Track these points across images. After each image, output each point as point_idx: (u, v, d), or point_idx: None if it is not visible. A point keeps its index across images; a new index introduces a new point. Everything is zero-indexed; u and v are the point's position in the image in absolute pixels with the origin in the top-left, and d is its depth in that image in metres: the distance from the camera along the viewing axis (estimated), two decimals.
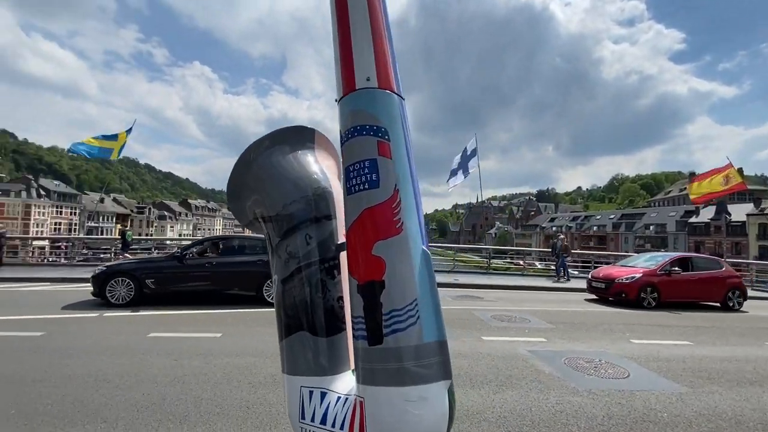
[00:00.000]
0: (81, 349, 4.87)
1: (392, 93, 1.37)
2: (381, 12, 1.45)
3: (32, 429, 2.93)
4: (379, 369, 1.16)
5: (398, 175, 1.27)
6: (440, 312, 1.23)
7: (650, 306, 9.64)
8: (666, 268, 10.13)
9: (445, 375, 1.22)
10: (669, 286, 9.92)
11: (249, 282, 8.23)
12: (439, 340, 1.21)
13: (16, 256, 17.73)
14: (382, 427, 1.14)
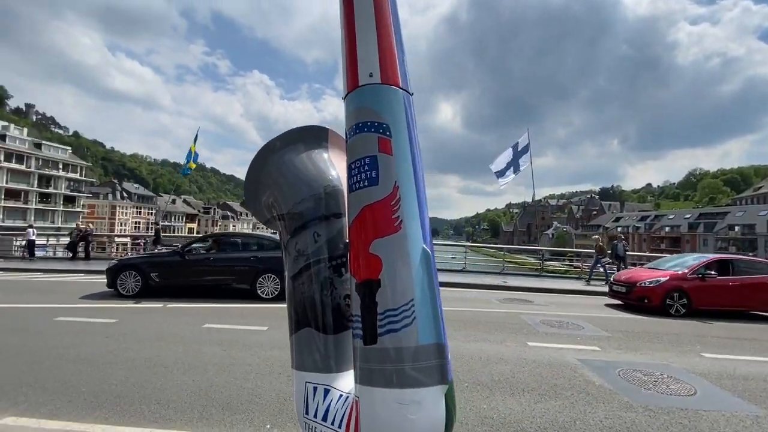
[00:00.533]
0: (144, 336, 5.37)
1: (397, 88, 1.34)
2: (388, 7, 1.42)
3: (98, 405, 3.28)
4: (374, 369, 1.14)
5: (399, 172, 1.24)
6: (439, 313, 1.18)
7: (678, 314, 8.54)
8: (699, 271, 8.89)
9: (441, 379, 1.17)
10: (702, 292, 8.69)
11: (244, 277, 8.58)
12: (437, 342, 1.16)
13: (104, 252, 20.09)
14: (375, 428, 1.12)
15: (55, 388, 3.60)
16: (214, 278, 8.67)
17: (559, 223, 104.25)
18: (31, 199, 57.37)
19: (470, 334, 6.08)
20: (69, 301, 7.71)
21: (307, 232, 1.49)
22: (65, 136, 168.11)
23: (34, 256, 15.78)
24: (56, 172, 61.48)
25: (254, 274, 8.54)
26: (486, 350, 5.26)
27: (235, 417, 3.16)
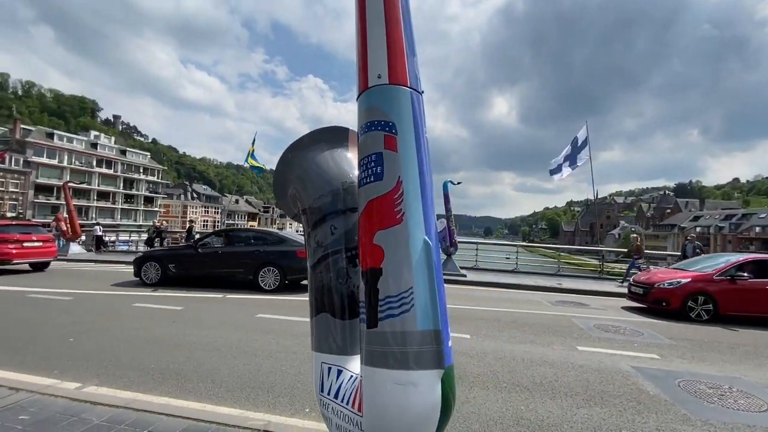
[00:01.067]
0: (205, 324, 5.91)
1: (404, 87, 1.41)
2: (399, 11, 1.49)
3: (162, 380, 3.71)
4: (375, 351, 1.22)
5: (404, 168, 1.31)
6: (438, 301, 1.23)
7: (702, 319, 7.68)
8: (729, 273, 7.90)
9: (438, 364, 1.22)
10: (732, 296, 7.72)
11: (247, 269, 9.12)
12: (434, 329, 1.22)
13: None
14: (374, 405, 1.20)
15: (129, 363, 4.12)
16: (222, 270, 9.39)
17: (627, 222, 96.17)
18: (117, 200, 64.74)
19: (515, 335, 5.91)
20: (101, 288, 8.70)
21: (325, 224, 1.61)
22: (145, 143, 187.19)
23: (101, 250, 17.95)
24: (138, 175, 68.77)
25: (256, 266, 9.07)
26: (531, 352, 5.09)
27: (278, 399, 3.40)
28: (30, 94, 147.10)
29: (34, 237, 11.53)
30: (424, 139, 1.42)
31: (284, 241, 9.57)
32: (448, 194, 13.43)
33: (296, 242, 9.36)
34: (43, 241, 11.77)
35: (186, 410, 2.98)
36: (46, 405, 2.95)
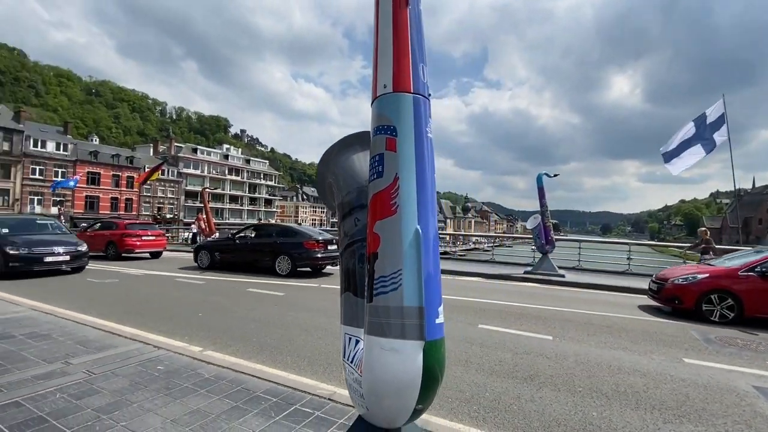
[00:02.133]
0: (300, 308, 6.73)
1: (407, 94, 1.58)
2: (407, 23, 1.66)
3: (259, 351, 4.43)
4: (372, 322, 1.43)
5: (401, 165, 1.49)
6: (423, 282, 1.38)
7: (723, 321, 6.70)
8: (757, 268, 6.76)
9: (419, 336, 1.37)
10: (761, 296, 6.64)
11: (268, 257, 10.85)
12: (418, 306, 1.37)
13: None
14: (369, 368, 1.41)
15: (237, 336, 5.00)
16: (250, 257, 11.24)
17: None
18: (244, 202, 75.32)
19: (607, 340, 5.39)
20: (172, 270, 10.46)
21: (351, 217, 1.87)
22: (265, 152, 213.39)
23: None
24: (259, 180, 79.03)
25: (273, 255, 10.76)
26: (621, 359, 4.62)
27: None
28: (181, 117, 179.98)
29: (150, 232, 15.20)
30: (425, 138, 1.57)
31: (296, 234, 11.04)
32: (543, 188, 12.56)
33: (305, 235, 10.90)
34: (156, 236, 15.38)
35: (272, 375, 3.56)
36: (176, 361, 3.84)
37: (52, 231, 11.09)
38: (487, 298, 8.16)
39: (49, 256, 9.57)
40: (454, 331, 5.47)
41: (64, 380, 3.28)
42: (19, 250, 9.20)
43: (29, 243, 9.49)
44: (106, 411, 2.78)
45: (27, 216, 11.68)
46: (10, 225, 10.29)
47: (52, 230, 11.15)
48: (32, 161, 45.46)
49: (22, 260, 9.18)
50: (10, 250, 9.11)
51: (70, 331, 4.73)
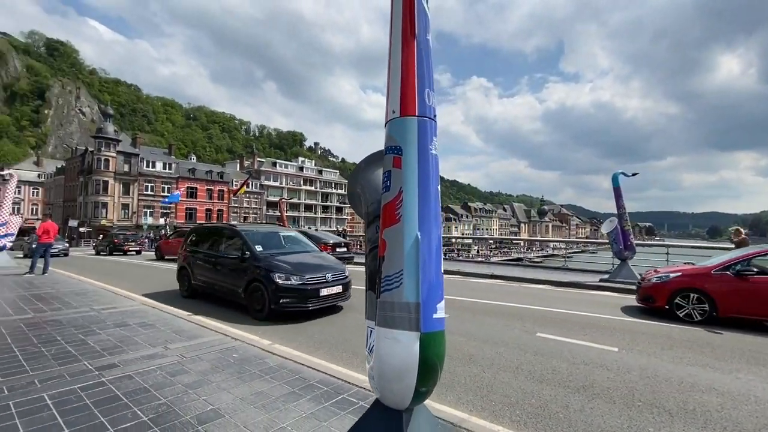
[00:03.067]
0: (356, 309, 7.13)
1: (412, 117, 1.81)
2: (414, 53, 1.89)
3: (318, 348, 4.87)
4: (379, 314, 1.68)
5: (405, 180, 1.72)
6: (420, 281, 1.58)
7: (694, 320, 6.62)
8: (733, 267, 6.50)
9: (416, 328, 1.58)
10: (735, 296, 6.38)
11: None
12: (416, 302, 1.58)
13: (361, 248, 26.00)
14: (377, 355, 1.66)
15: (301, 333, 5.52)
16: None
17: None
18: (317, 211, 79.77)
19: (684, 356, 4.90)
20: None
21: (373, 225, 2.13)
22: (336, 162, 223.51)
23: None
24: (331, 190, 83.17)
25: None
26: (697, 376, 4.20)
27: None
28: (262, 134, 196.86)
29: None
30: (430, 156, 1.77)
31: (311, 239, 11.53)
32: (620, 188, 11.59)
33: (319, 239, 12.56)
34: None
35: (326, 368, 3.94)
36: (248, 350, 4.43)
37: (303, 248, 7.89)
38: (551, 306, 7.80)
39: (324, 287, 6.50)
40: (508, 338, 5.42)
41: (163, 361, 4.02)
42: (290, 279, 6.24)
43: (301, 268, 6.56)
44: (192, 387, 3.38)
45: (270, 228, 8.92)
46: (261, 241, 7.28)
47: (302, 247, 7.96)
48: (145, 179, 53.36)
49: (295, 294, 6.18)
50: (279, 279, 6.18)
51: (169, 322, 5.67)
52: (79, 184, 52.94)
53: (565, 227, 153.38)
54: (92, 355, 4.20)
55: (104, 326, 5.41)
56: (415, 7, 1.94)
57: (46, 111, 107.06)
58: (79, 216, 50.54)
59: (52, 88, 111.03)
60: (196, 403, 3.08)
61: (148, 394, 3.21)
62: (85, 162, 51.49)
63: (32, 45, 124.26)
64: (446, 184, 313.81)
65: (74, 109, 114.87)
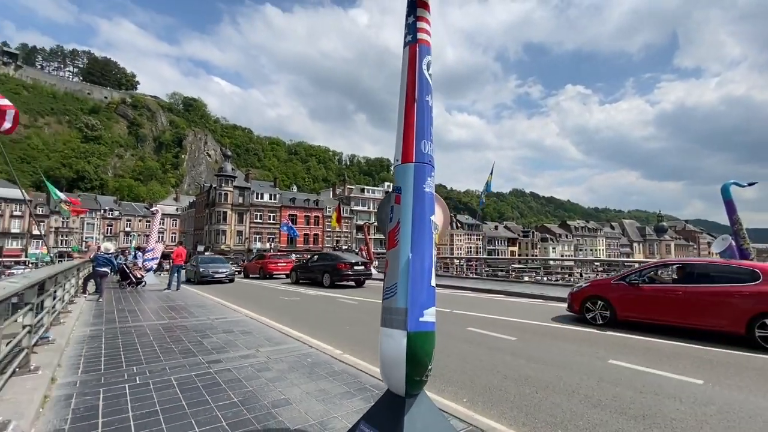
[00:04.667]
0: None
1: (410, 164, 2.32)
2: (414, 109, 2.42)
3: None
4: (382, 317, 2.16)
5: (402, 214, 2.22)
6: (409, 292, 2.02)
7: (598, 323, 7.73)
8: (631, 278, 7.56)
9: (404, 327, 2.01)
10: (628, 300, 7.47)
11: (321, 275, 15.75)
12: (405, 307, 2.03)
13: (448, 270, 25.85)
14: (380, 349, 2.13)
15: (366, 343, 6.10)
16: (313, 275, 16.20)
17: None
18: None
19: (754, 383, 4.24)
20: None
21: None
22: None
23: None
24: None
25: (323, 273, 15.62)
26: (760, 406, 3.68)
27: (445, 386, 4.36)
28: (353, 163, 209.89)
29: (282, 261, 21.89)
30: (424, 193, 2.23)
31: (335, 259, 15.87)
32: (732, 201, 10.10)
33: (341, 259, 15.60)
34: (286, 263, 21.34)
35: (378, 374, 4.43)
36: (319, 356, 5.15)
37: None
38: (637, 332, 7.14)
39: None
40: (573, 363, 5.26)
41: (254, 360, 4.95)
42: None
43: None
44: (272, 381, 4.17)
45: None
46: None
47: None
48: (255, 209, 61.07)
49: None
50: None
51: (263, 331, 6.76)
52: (205, 215, 62.88)
53: (692, 246, 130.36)
54: (205, 352, 5.35)
55: (215, 332, 6.72)
56: (416, 76, 2.49)
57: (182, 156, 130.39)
58: (205, 242, 59.76)
59: (187, 137, 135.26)
60: (273, 393, 3.83)
61: (239, 383, 4.09)
62: (210, 196, 61.13)
63: (174, 103, 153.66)
64: (541, 202, 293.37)
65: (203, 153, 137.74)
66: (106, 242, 16.47)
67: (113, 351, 5.42)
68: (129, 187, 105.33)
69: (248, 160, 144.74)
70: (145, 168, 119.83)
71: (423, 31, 2.60)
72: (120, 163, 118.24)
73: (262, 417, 3.30)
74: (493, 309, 9.69)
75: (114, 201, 79.20)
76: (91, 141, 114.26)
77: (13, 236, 61.35)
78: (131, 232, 72.59)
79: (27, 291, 3.85)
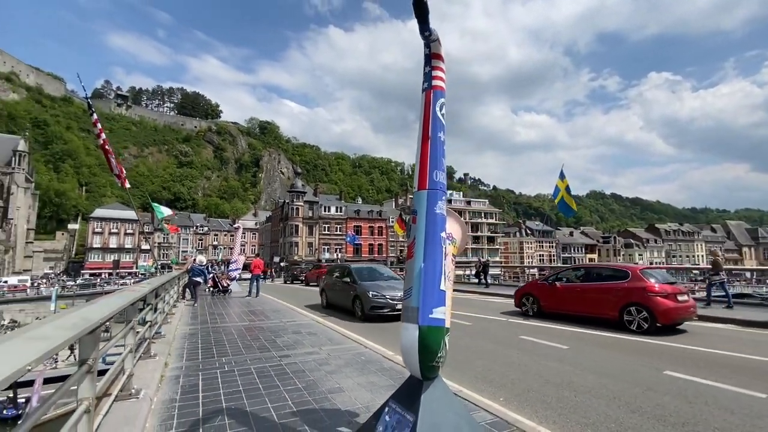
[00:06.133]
0: (477, 334, 7.72)
1: (424, 191, 2.85)
2: (429, 142, 2.95)
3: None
4: (403, 314, 2.69)
5: (417, 232, 2.75)
6: (420, 294, 2.53)
7: (530, 314, 10.04)
8: (549, 278, 10.24)
9: (417, 321, 2.52)
10: (548, 296, 9.76)
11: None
12: (416, 306, 2.54)
13: (518, 280, 25.12)
14: (400, 339, 2.65)
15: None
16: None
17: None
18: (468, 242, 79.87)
19: None
20: None
21: None
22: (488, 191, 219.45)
23: None
24: (480, 219, 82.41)
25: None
26: None
27: (492, 388, 4.70)
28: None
29: None
30: (435, 214, 2.74)
31: None
32: None
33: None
34: None
35: None
36: (372, 356, 5.77)
37: None
38: (719, 348, 6.56)
39: None
40: (622, 373, 5.23)
41: (316, 356, 5.74)
42: None
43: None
44: (330, 373, 4.89)
45: None
46: None
47: None
48: (323, 221, 64.57)
49: None
50: None
51: (326, 333, 7.60)
52: (279, 228, 67.98)
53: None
54: (277, 348, 6.28)
55: (286, 332, 7.71)
56: (430, 117, 3.02)
57: (259, 175, 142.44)
58: (280, 253, 64.54)
59: (263, 157, 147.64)
60: (330, 382, 4.53)
61: (303, 374, 4.86)
62: (283, 211, 66.04)
63: (251, 128, 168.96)
64: (624, 204, 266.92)
65: (277, 171, 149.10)
66: (199, 255, 19.03)
67: (207, 345, 6.60)
68: (216, 205, 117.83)
69: (316, 176, 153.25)
70: (229, 187, 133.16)
71: (437, 78, 3.12)
72: (208, 184, 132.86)
73: (319, 400, 4.00)
74: (552, 318, 9.55)
75: (204, 218, 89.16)
76: (185, 166, 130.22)
77: (126, 251, 72.01)
78: (218, 246, 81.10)
79: (149, 295, 5.04)
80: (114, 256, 69.40)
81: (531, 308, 10.10)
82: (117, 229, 71.93)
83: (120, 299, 3.09)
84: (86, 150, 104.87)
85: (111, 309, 2.61)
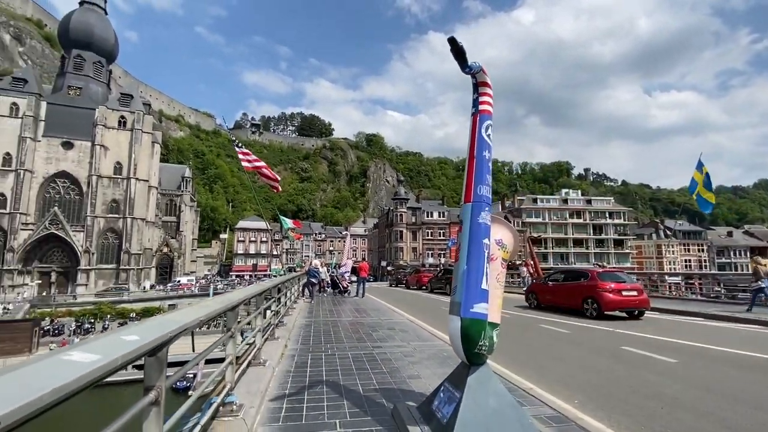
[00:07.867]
0: (556, 338, 7.48)
1: (469, 203, 3.34)
2: (474, 160, 3.45)
3: (510, 361, 6.05)
4: (450, 308, 3.20)
5: (461, 239, 3.26)
6: (463, 291, 3.01)
7: (533, 306, 13.44)
8: (544, 279, 14.41)
9: (459, 313, 3.01)
10: (543, 293, 13.32)
11: None
12: (459, 301, 3.03)
13: (657, 290, 21.25)
14: (448, 329, 3.16)
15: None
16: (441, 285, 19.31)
17: None
18: (589, 245, 71.58)
19: None
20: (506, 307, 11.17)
21: None
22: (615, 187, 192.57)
23: None
24: (604, 220, 73.13)
25: None
26: None
27: (555, 387, 4.80)
28: (525, 171, 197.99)
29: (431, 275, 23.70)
30: (479, 224, 3.21)
31: None
32: None
33: None
34: None
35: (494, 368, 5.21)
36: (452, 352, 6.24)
37: None
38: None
39: None
40: (728, 389, 4.72)
41: (404, 349, 6.47)
42: None
43: None
44: (412, 363, 5.56)
45: None
46: None
47: None
48: (426, 227, 65.66)
49: None
50: None
51: (416, 331, 8.30)
52: (385, 234, 71.40)
53: None
54: (372, 340, 7.22)
55: (382, 328, 8.65)
56: (476, 139, 3.50)
57: (367, 184, 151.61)
58: (387, 258, 67.75)
59: (370, 168, 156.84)
60: (410, 370, 5.21)
61: (390, 362, 5.64)
62: (389, 218, 69.25)
63: (359, 141, 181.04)
64: None
65: (383, 180, 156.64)
66: (315, 260, 21.71)
67: (317, 334, 7.92)
68: (331, 214, 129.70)
69: (420, 182, 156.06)
70: (341, 198, 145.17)
71: (484, 103, 3.59)
72: (324, 195, 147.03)
73: (398, 382, 4.71)
74: (674, 333, 8.49)
75: (321, 226, 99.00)
76: (305, 181, 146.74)
77: (262, 256, 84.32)
78: (333, 251, 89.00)
79: (272, 289, 6.46)
80: (253, 260, 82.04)
81: (533, 302, 13.63)
82: (255, 237, 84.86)
83: (249, 290, 4.32)
84: (231, 173, 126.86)
85: (245, 294, 3.79)
